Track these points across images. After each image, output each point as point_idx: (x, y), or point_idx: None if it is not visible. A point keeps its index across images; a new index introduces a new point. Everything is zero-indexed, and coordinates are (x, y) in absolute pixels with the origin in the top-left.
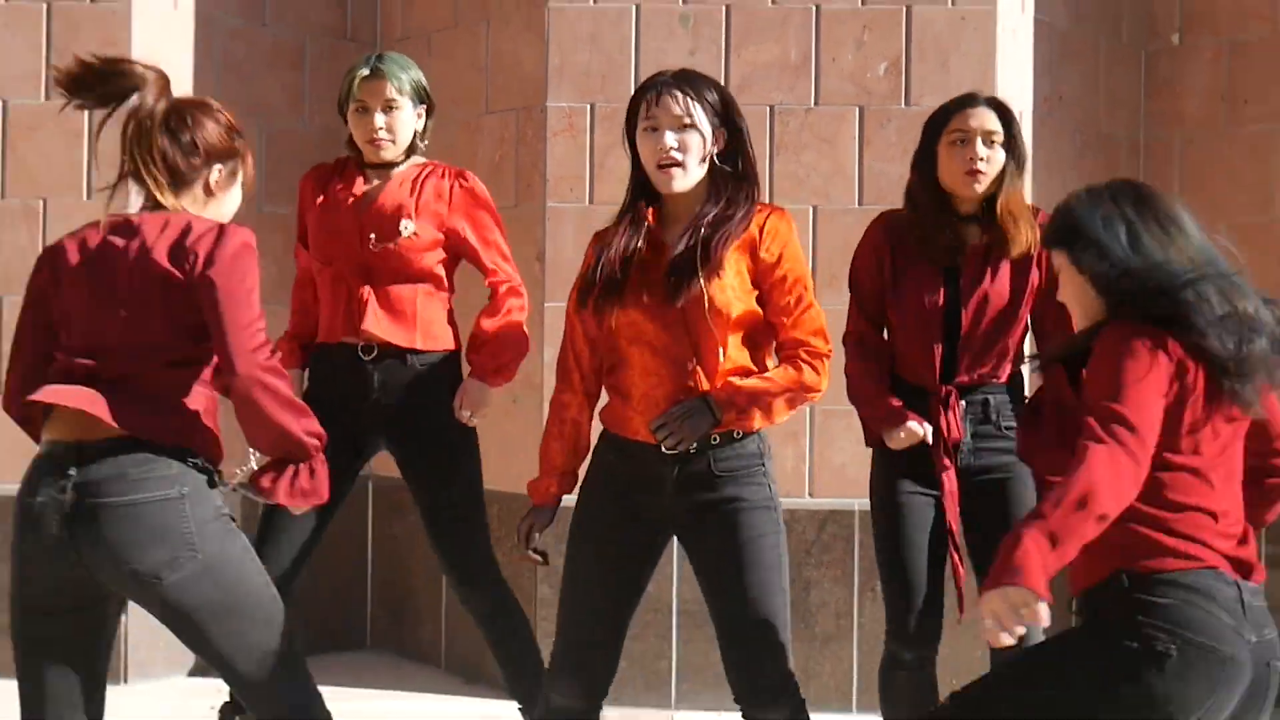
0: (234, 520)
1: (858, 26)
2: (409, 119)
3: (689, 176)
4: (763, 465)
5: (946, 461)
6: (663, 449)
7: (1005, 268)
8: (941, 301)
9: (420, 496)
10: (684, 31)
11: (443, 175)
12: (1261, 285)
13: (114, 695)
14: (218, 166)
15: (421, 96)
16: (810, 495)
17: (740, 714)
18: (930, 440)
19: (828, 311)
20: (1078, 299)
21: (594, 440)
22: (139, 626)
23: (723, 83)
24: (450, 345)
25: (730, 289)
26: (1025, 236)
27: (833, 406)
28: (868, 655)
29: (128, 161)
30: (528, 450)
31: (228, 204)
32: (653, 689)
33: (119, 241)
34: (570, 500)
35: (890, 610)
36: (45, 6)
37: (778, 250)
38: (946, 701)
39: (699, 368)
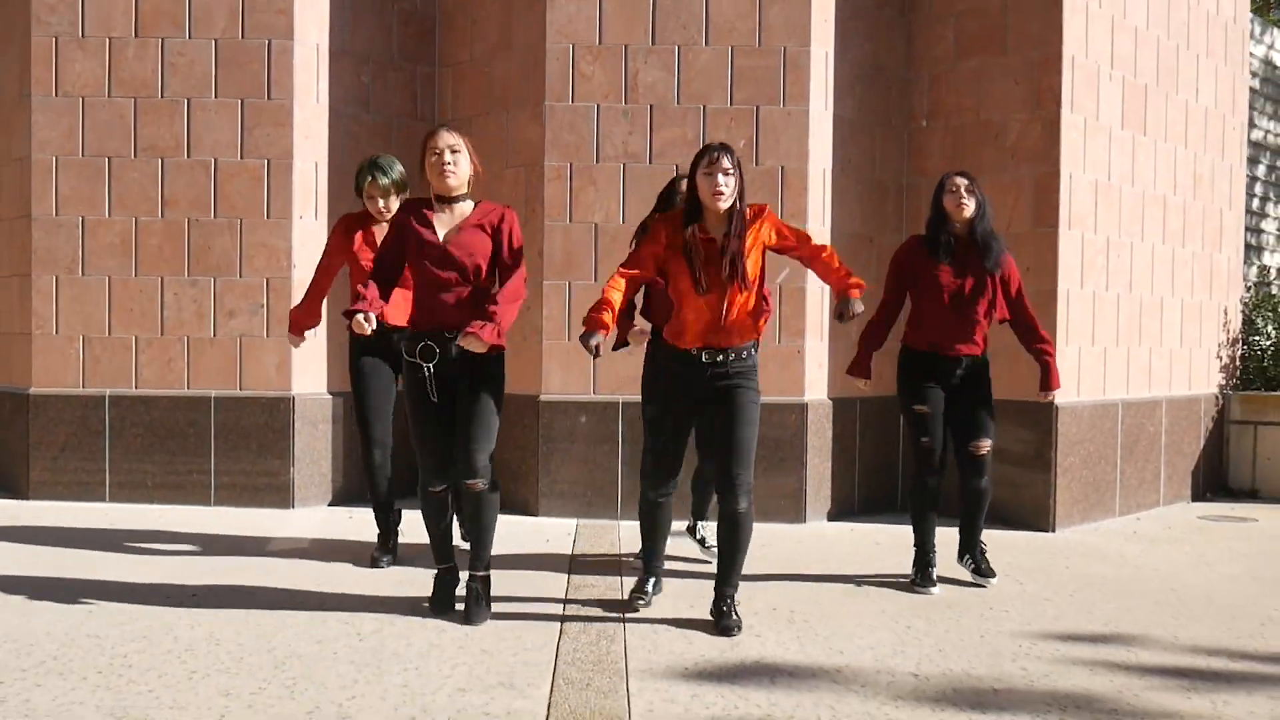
0: None
1: (728, 118)
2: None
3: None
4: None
5: None
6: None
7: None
8: None
9: None
10: (625, 121)
11: None
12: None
13: (285, 515)
14: None
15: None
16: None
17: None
18: None
19: None
20: None
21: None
22: (299, 472)
23: (647, 152)
24: None
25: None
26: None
27: None
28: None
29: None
30: (534, 371)
31: None
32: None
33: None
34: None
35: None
36: (240, 101)
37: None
38: None
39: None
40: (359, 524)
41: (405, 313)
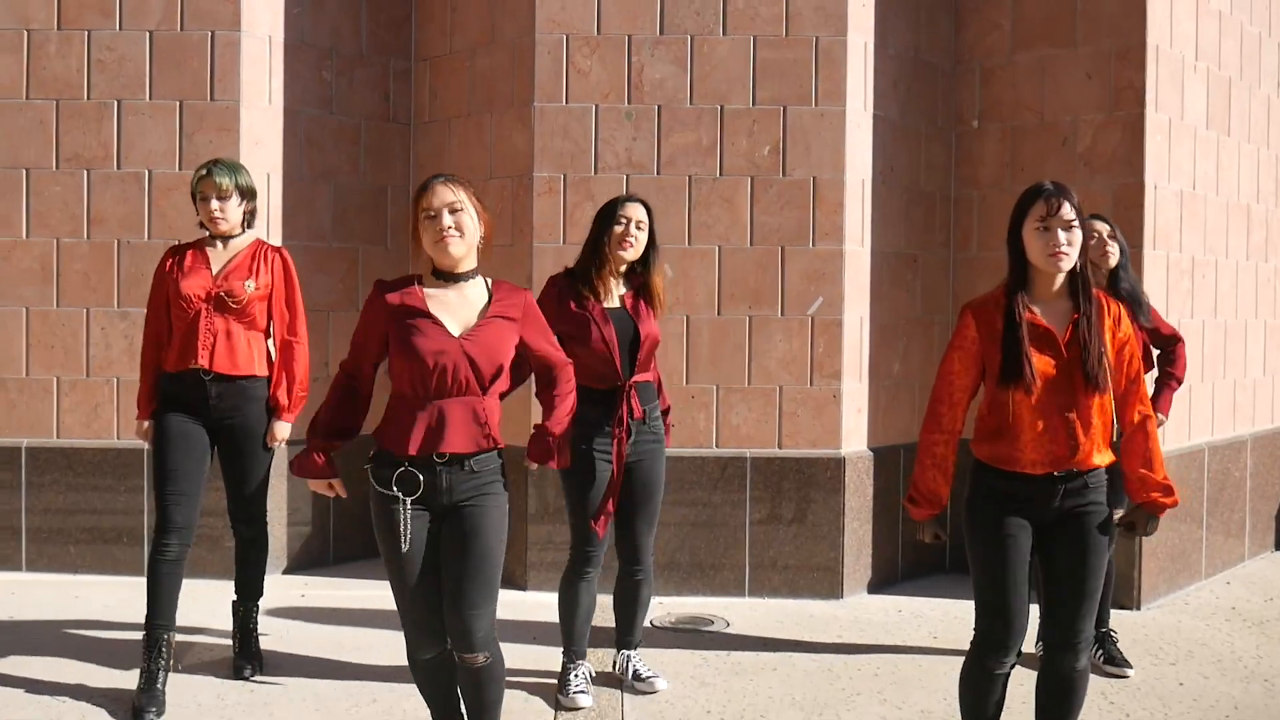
0: None
1: (749, 121)
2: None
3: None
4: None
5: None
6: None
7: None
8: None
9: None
10: (628, 124)
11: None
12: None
13: (227, 589)
14: None
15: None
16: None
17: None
18: None
19: (728, 321)
20: None
21: None
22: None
23: (654, 160)
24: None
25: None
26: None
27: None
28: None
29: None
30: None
31: None
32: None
33: None
34: None
35: None
36: (179, 103)
37: (1125, 333)
38: None
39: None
40: (312, 604)
41: (247, 360)
